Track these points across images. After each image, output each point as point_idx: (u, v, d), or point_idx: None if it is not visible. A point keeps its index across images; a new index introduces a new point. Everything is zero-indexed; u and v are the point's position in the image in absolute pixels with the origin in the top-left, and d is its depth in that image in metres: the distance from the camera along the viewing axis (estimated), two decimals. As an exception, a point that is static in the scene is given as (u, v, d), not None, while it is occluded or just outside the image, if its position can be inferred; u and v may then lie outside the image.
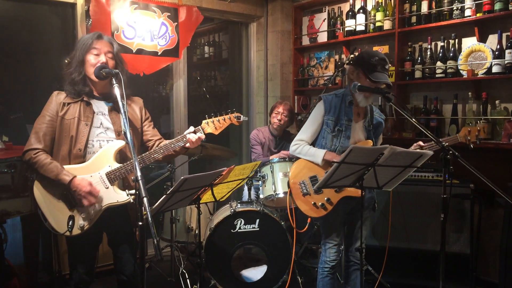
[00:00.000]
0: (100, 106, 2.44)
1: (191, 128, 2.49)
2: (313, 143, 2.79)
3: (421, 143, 2.61)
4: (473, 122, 3.50)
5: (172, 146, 2.44)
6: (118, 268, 2.53)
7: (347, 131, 2.69)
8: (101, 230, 2.48)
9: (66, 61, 2.42)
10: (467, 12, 3.47)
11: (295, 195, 2.70)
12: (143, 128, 2.58)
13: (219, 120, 2.54)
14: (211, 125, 2.53)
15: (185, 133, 2.48)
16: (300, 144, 2.75)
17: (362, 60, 2.65)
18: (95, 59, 2.36)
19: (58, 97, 2.38)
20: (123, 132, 2.41)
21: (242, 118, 2.58)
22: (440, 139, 2.65)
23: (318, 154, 2.67)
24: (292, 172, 2.76)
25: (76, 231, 2.30)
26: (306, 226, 3.38)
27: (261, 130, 4.14)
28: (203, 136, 2.48)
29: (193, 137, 2.44)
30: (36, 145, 2.30)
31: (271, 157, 3.69)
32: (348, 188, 2.59)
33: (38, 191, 2.33)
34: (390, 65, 2.94)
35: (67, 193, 2.31)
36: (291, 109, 4.05)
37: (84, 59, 2.37)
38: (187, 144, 2.46)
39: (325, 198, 2.63)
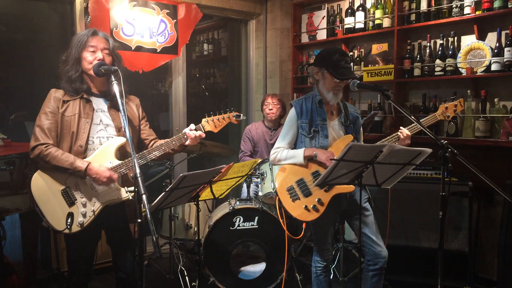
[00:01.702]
0: (99, 103, 2.43)
1: (192, 126, 2.50)
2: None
3: (402, 128, 2.61)
4: (471, 120, 3.52)
5: (173, 143, 2.45)
6: (117, 265, 2.53)
7: (323, 131, 2.66)
8: (100, 227, 2.47)
9: (63, 57, 2.41)
10: (466, 10, 3.47)
11: (285, 203, 2.65)
12: (140, 127, 2.59)
13: (218, 119, 2.57)
14: (211, 123, 2.56)
15: (185, 130, 2.49)
16: (278, 151, 2.72)
17: (323, 60, 2.64)
18: (92, 56, 2.35)
19: (56, 94, 2.36)
20: (123, 129, 2.41)
21: (241, 117, 2.61)
22: (421, 120, 2.65)
23: (298, 153, 2.64)
24: (277, 181, 2.71)
25: (75, 228, 2.29)
26: (302, 233, 3.37)
27: (255, 124, 4.22)
28: (203, 134, 2.50)
29: (193, 133, 2.46)
30: (46, 140, 2.29)
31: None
32: (338, 185, 2.58)
33: (36, 188, 2.31)
34: (350, 57, 2.90)
35: (67, 189, 2.31)
36: (281, 98, 4.15)
37: (80, 57, 2.35)
38: (187, 142, 2.47)
39: (316, 199, 2.59)
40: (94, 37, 2.38)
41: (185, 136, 2.46)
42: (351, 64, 2.62)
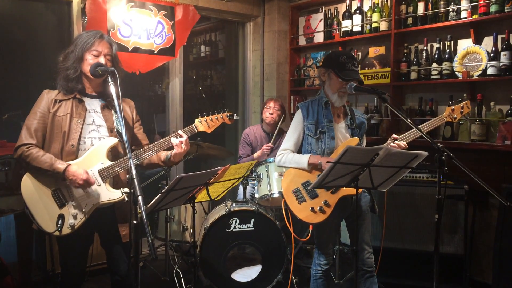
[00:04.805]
0: (92, 104, 2.42)
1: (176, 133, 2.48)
2: (299, 152, 2.77)
3: (394, 135, 2.61)
4: (467, 124, 3.53)
5: (166, 143, 2.44)
6: (112, 268, 2.51)
7: (330, 132, 2.67)
8: (92, 230, 2.45)
9: (60, 58, 2.40)
10: (463, 14, 3.49)
11: (291, 205, 2.66)
12: (134, 130, 2.58)
13: (212, 119, 2.56)
14: (204, 124, 2.55)
15: (168, 137, 2.46)
16: (284, 153, 2.73)
17: (331, 61, 2.66)
18: (94, 60, 2.34)
19: (49, 95, 2.36)
20: (116, 130, 2.41)
21: (235, 117, 2.60)
22: (425, 123, 2.66)
23: (303, 160, 2.65)
24: (283, 183, 2.72)
25: (66, 230, 2.27)
26: (309, 235, 3.36)
27: (253, 128, 4.18)
28: (183, 139, 2.44)
29: (174, 141, 2.43)
30: (29, 140, 2.27)
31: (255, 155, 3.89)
32: (344, 187, 2.58)
33: (26, 189, 2.27)
34: (358, 62, 2.90)
35: (58, 191, 2.29)
36: (283, 104, 4.12)
37: (82, 57, 2.35)
38: (174, 151, 2.45)
39: (323, 201, 2.60)
40: (101, 42, 2.37)
41: (178, 136, 2.45)
42: (358, 68, 2.62)
